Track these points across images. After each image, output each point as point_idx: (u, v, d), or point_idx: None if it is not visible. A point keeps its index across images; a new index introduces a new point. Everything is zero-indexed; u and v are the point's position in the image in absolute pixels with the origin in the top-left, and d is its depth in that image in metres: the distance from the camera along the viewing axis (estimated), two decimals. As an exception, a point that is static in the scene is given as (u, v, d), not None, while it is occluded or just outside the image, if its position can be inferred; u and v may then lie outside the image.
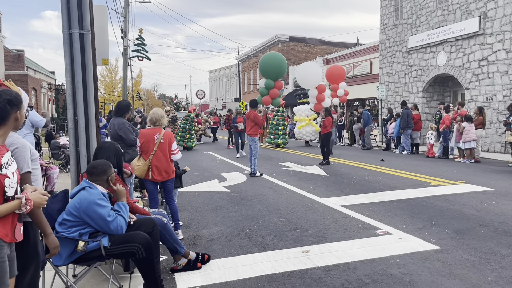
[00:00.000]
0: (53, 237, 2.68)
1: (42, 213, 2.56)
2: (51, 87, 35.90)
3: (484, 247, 4.71)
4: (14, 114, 2.36)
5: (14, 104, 2.36)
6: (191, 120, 18.69)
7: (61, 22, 4.24)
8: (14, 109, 2.36)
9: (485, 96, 15.09)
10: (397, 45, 20.08)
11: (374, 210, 6.57)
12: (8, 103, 2.32)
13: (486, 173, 10.06)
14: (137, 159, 5.07)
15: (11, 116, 2.35)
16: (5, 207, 2.18)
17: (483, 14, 14.92)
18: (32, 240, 2.76)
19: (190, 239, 5.37)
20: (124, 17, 22.07)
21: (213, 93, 66.75)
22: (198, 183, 9.61)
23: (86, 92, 4.27)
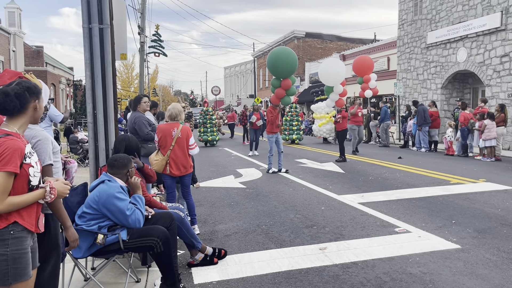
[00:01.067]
0: (72, 230, 2.70)
1: (62, 205, 2.58)
2: (69, 82, 36.40)
3: (507, 246, 4.59)
4: (33, 103, 2.36)
5: (33, 93, 2.36)
6: (204, 113, 18.78)
7: (81, 16, 4.26)
8: (33, 97, 2.35)
9: (506, 93, 14.74)
10: (415, 41, 19.76)
11: (392, 207, 6.48)
12: (27, 90, 2.32)
13: (507, 171, 9.83)
14: (155, 154, 5.08)
15: (30, 104, 2.34)
16: (30, 196, 2.19)
17: (505, 9, 14.55)
18: (53, 232, 2.78)
19: (206, 234, 5.38)
20: (141, 13, 22.21)
21: (228, 90, 66.88)
22: (213, 178, 9.63)
23: (105, 86, 4.30)
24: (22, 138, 2.27)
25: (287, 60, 10.12)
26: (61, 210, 2.56)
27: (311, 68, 35.88)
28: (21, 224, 2.16)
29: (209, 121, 18.69)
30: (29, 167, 2.20)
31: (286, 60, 10.12)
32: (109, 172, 3.45)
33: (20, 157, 2.15)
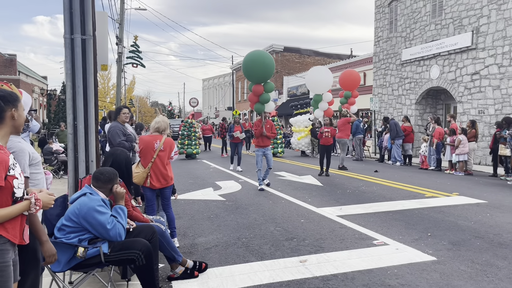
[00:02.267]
0: (49, 245, 2.62)
1: (39, 220, 2.53)
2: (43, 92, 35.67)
3: (481, 258, 4.73)
4: (10, 112, 2.31)
5: (8, 101, 2.30)
6: (189, 126, 18.61)
7: (63, 27, 4.23)
8: (8, 106, 2.30)
9: (477, 109, 15.28)
10: (391, 58, 20.31)
11: (370, 220, 6.58)
12: (2, 99, 2.28)
13: (479, 185, 10.15)
14: (136, 166, 5.04)
15: (7, 113, 2.29)
16: (15, 208, 2.16)
17: (476, 29, 15.17)
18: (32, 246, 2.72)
19: (186, 247, 5.34)
20: (119, 24, 22.10)
21: (207, 102, 66.78)
22: (192, 191, 9.57)
23: (87, 97, 4.26)
24: (5, 150, 2.24)
25: (261, 64, 9.52)
26: (37, 224, 2.50)
27: (289, 82, 36.32)
28: (4, 237, 2.11)
29: (193, 134, 18.57)
30: (13, 179, 2.17)
31: (260, 64, 9.52)
32: (93, 184, 3.40)
33: (5, 169, 2.11)
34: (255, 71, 9.57)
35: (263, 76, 9.68)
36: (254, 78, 9.78)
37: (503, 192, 9.12)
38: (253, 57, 9.63)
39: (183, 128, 18.47)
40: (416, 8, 18.46)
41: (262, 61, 9.51)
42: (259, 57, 9.58)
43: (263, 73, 9.60)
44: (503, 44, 14.10)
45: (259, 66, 9.47)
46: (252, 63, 9.57)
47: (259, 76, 9.65)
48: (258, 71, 9.53)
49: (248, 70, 9.67)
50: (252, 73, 9.67)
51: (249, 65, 9.62)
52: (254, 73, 9.63)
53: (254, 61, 9.55)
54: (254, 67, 9.54)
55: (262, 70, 9.52)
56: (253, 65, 9.53)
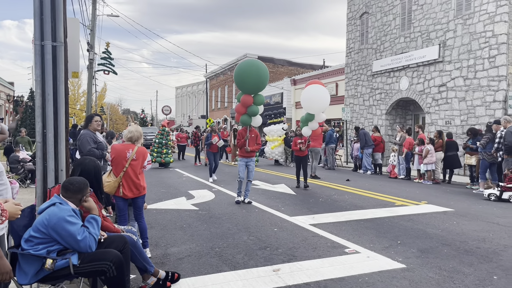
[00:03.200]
0: (4, 261, 2.49)
1: None
2: (9, 98, 34.54)
3: (448, 265, 4.87)
4: None
5: None
6: (166, 134, 18.35)
7: (33, 33, 4.15)
8: None
9: (444, 120, 15.80)
10: (362, 69, 20.77)
11: (342, 229, 6.68)
12: None
13: (446, 194, 10.46)
14: (107, 175, 4.95)
15: None
16: None
17: (443, 42, 15.74)
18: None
19: (158, 258, 5.26)
20: (91, 30, 21.75)
21: (180, 110, 66.33)
22: (165, 200, 9.45)
23: (57, 105, 4.17)
24: None
25: (256, 74, 9.02)
26: None
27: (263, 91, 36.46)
28: None
29: (169, 142, 18.34)
30: None
31: (255, 73, 9.03)
32: (62, 194, 3.32)
33: None
34: (248, 80, 9.05)
35: (256, 87, 9.19)
36: (245, 88, 9.23)
37: (468, 201, 9.44)
38: (248, 65, 9.19)
39: (160, 137, 18.16)
40: (386, 21, 19.00)
41: (257, 71, 9.06)
42: (255, 66, 9.14)
43: (257, 84, 9.11)
44: (468, 58, 14.68)
45: (254, 76, 9.00)
46: (246, 72, 9.08)
47: (251, 86, 9.15)
48: (252, 80, 9.04)
49: (242, 78, 9.13)
50: (245, 81, 9.12)
51: (243, 73, 9.12)
52: (247, 82, 9.10)
53: (249, 70, 9.10)
54: (248, 76, 9.03)
55: (256, 80, 9.04)
56: (248, 74, 9.05)
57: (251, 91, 9.25)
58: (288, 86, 31.28)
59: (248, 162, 9.27)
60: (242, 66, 9.21)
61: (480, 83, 14.21)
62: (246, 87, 9.19)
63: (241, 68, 9.19)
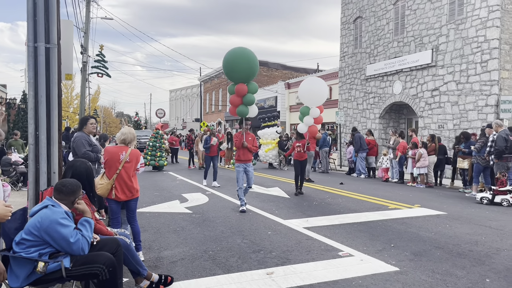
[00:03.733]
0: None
1: None
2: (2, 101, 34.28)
3: (441, 268, 4.89)
4: None
5: None
6: (160, 137, 18.28)
7: (27, 34, 4.13)
8: None
9: (437, 124, 15.90)
10: (356, 73, 20.87)
11: (336, 232, 6.68)
12: None
13: (439, 197, 10.52)
14: (100, 177, 4.92)
15: None
16: None
17: (435, 47, 15.87)
18: None
19: (151, 261, 5.23)
20: (84, 32, 21.67)
21: (174, 113, 66.20)
22: (158, 203, 9.41)
23: (50, 107, 4.16)
24: None
25: (245, 60, 8.54)
26: None
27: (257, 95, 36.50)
28: None
29: (163, 146, 18.27)
30: None
31: (245, 59, 8.54)
32: (55, 197, 3.29)
33: None
34: (238, 67, 8.55)
35: (248, 74, 8.64)
36: (237, 76, 8.72)
37: (461, 204, 9.49)
38: (236, 53, 8.65)
39: (154, 140, 18.08)
40: (379, 25, 19.13)
41: (246, 57, 8.57)
42: (243, 53, 8.62)
43: (248, 70, 8.58)
44: (460, 62, 14.80)
45: (244, 63, 8.51)
46: (235, 59, 8.59)
47: (243, 74, 8.61)
48: (242, 67, 8.53)
49: (231, 66, 8.64)
50: (235, 69, 8.62)
51: (232, 61, 8.62)
52: (238, 70, 8.59)
53: (238, 57, 8.60)
54: (237, 63, 8.55)
55: (247, 66, 8.54)
56: (237, 61, 8.56)
57: (243, 79, 8.74)
58: (282, 89, 31.34)
59: (247, 167, 8.72)
60: (230, 54, 8.69)
61: (472, 87, 14.34)
62: (238, 76, 8.70)
63: (229, 57, 8.67)
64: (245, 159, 8.71)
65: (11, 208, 2.28)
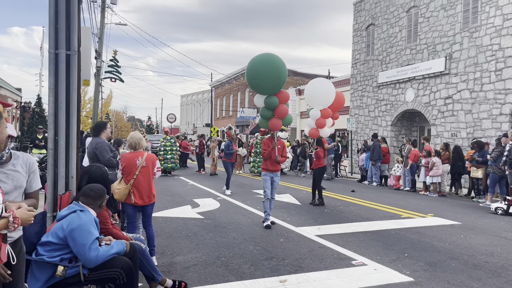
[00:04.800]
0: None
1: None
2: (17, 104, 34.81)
3: (456, 279, 4.84)
4: None
5: None
6: (174, 141, 18.40)
7: (48, 41, 4.21)
8: None
9: (450, 132, 15.77)
10: (367, 80, 20.81)
11: (349, 240, 6.65)
12: None
13: (452, 207, 10.41)
14: (118, 182, 4.98)
15: None
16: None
17: (449, 55, 15.77)
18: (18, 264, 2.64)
19: (164, 266, 5.26)
20: (99, 38, 21.96)
21: (184, 118, 66.55)
22: (170, 208, 9.46)
23: (69, 113, 4.20)
24: None
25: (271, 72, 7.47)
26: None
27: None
28: None
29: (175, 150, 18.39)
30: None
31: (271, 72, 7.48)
32: (82, 201, 3.36)
33: None
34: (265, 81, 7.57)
35: (275, 86, 7.71)
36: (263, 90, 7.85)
37: (475, 214, 9.38)
38: (261, 62, 7.57)
39: (170, 144, 18.15)
40: (392, 33, 19.08)
41: (273, 67, 7.52)
42: (269, 62, 7.56)
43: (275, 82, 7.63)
44: (474, 70, 14.69)
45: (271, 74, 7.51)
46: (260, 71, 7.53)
47: (270, 86, 7.69)
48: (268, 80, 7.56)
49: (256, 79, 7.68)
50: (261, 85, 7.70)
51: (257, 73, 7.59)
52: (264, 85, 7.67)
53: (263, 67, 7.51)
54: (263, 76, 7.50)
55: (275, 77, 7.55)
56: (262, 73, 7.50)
57: (270, 91, 7.83)
58: (293, 96, 31.35)
59: (274, 177, 8.00)
60: (255, 64, 7.65)
61: (486, 96, 14.20)
62: (264, 89, 7.80)
63: (254, 67, 7.65)
64: (273, 169, 8.00)
65: (34, 211, 2.32)
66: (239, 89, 44.41)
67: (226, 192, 12.02)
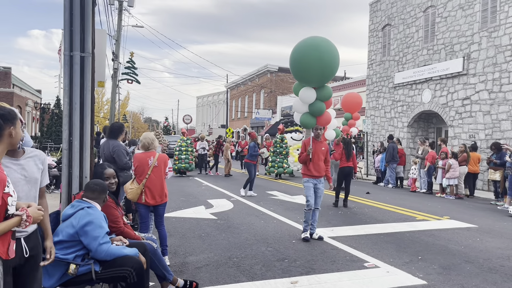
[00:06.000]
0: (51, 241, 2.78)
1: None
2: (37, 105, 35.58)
3: (471, 283, 4.76)
4: (8, 130, 2.34)
5: (7, 119, 2.34)
6: (191, 143, 18.53)
7: (63, 44, 4.30)
8: (8, 124, 2.33)
9: (468, 134, 15.50)
10: (383, 81, 20.62)
11: (361, 242, 6.60)
12: (1, 117, 2.32)
13: (469, 209, 10.23)
14: (130, 182, 5.05)
15: (5, 132, 2.32)
16: (6, 224, 2.17)
17: (467, 55, 15.51)
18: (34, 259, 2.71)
19: (176, 266, 5.30)
20: (116, 40, 22.27)
21: (200, 119, 66.95)
22: (184, 208, 9.53)
23: (83, 114, 4.29)
24: (1, 167, 2.26)
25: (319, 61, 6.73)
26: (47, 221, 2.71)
27: (283, 102, 36.60)
28: None
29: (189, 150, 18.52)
30: (8, 196, 2.18)
31: (319, 60, 6.73)
32: (88, 196, 3.43)
33: (2, 187, 2.13)
34: (310, 71, 6.77)
35: (323, 76, 6.90)
36: (309, 80, 6.98)
37: (493, 217, 9.20)
38: (308, 48, 6.76)
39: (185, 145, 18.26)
40: (408, 33, 18.86)
41: (323, 54, 6.75)
42: (318, 48, 6.74)
43: (323, 71, 6.81)
44: (493, 71, 14.42)
45: (317, 63, 6.67)
46: (306, 59, 6.71)
47: (315, 77, 6.83)
48: (315, 70, 6.70)
49: (301, 69, 6.91)
50: (305, 76, 6.91)
51: (302, 60, 6.79)
52: (309, 75, 6.84)
53: (310, 54, 6.68)
54: (309, 65, 6.68)
55: (323, 67, 6.70)
56: (308, 61, 6.65)
57: (316, 83, 6.99)
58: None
59: (318, 183, 6.94)
60: (300, 51, 6.88)
61: (505, 96, 13.92)
62: (310, 80, 6.90)
63: (300, 54, 6.88)
64: (317, 174, 6.88)
65: (43, 210, 2.39)
66: (254, 90, 44.47)
67: (242, 192, 11.82)
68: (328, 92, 7.43)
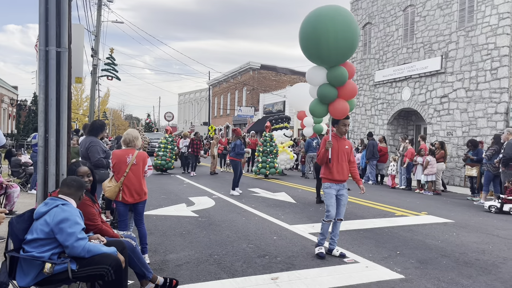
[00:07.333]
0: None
1: None
2: (13, 102, 34.74)
3: (446, 277, 4.86)
4: None
5: None
6: (171, 141, 18.27)
7: (38, 38, 4.20)
8: None
9: (445, 131, 15.81)
10: (364, 79, 20.84)
11: (341, 238, 6.66)
12: None
13: (446, 205, 10.44)
14: (108, 180, 4.98)
15: None
16: None
17: (445, 54, 15.80)
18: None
19: (157, 264, 5.26)
20: (95, 36, 21.92)
21: (182, 116, 66.52)
22: (165, 206, 9.45)
23: (60, 110, 4.21)
24: None
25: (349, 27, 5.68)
26: None
27: (266, 99, 36.64)
28: None
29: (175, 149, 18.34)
30: None
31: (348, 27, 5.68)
32: (64, 192, 3.37)
33: None
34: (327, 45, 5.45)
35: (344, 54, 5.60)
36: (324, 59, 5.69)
37: (469, 212, 9.42)
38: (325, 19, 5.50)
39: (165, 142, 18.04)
40: (388, 31, 19.10)
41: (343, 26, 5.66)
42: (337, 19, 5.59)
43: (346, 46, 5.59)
44: (470, 69, 14.72)
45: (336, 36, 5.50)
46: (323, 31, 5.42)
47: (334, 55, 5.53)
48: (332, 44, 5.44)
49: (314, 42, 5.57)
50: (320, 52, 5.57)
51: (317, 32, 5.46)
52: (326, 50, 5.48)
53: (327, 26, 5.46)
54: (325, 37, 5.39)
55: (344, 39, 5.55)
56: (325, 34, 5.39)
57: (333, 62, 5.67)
58: (290, 94, 31.38)
59: (341, 189, 5.83)
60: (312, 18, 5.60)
61: (482, 94, 14.25)
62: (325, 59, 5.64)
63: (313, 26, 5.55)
64: (340, 178, 5.77)
65: (6, 211, 2.34)
66: (237, 87, 44.40)
67: (234, 193, 11.50)
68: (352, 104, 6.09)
